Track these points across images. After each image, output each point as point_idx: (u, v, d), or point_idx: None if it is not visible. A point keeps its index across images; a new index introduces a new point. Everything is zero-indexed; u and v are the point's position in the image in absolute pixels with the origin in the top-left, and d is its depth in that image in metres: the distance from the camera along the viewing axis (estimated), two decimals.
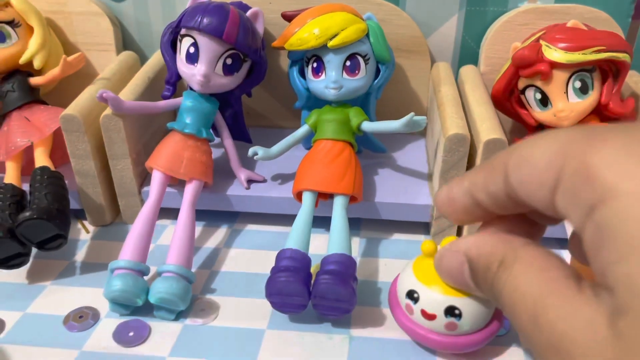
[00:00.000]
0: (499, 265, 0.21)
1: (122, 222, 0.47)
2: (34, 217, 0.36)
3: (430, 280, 0.31)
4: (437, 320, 0.31)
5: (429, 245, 0.31)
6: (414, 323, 0.33)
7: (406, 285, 0.32)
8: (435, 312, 0.31)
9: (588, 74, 0.41)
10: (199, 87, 0.42)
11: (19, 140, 0.43)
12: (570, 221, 0.17)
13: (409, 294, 0.32)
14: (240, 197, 0.45)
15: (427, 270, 0.31)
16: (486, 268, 0.22)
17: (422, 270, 0.32)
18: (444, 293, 0.30)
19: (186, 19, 0.41)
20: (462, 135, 0.39)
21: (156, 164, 0.42)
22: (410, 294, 0.32)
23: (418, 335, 0.33)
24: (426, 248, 0.31)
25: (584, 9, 0.46)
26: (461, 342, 0.32)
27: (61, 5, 0.51)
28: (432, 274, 0.31)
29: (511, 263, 0.20)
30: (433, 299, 0.31)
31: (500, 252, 0.21)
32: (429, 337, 0.32)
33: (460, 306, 0.30)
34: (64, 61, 0.45)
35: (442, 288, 0.30)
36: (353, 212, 0.43)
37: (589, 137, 0.17)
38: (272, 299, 0.35)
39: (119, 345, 0.35)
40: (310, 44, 0.41)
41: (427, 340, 0.33)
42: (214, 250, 0.43)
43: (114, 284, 0.35)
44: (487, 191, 0.22)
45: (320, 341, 0.35)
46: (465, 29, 0.50)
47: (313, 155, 0.42)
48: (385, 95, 0.49)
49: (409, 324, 0.33)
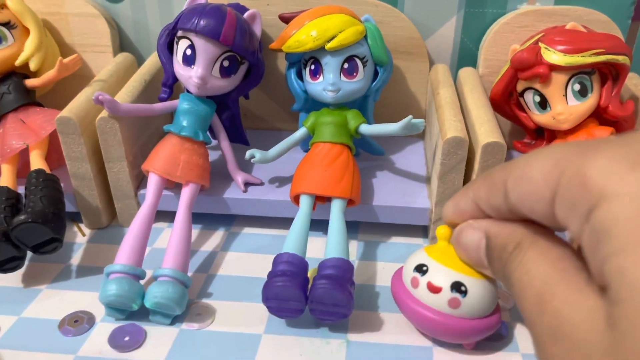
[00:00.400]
0: (516, 247, 0.22)
1: (118, 225, 0.47)
2: (29, 221, 0.36)
3: (442, 258, 0.32)
4: (442, 294, 0.31)
5: (445, 230, 0.32)
6: (414, 301, 0.32)
7: (416, 260, 0.33)
8: (441, 284, 0.31)
9: (587, 77, 0.41)
10: (195, 90, 0.42)
11: (15, 143, 0.43)
12: (570, 230, 0.18)
13: (417, 267, 0.33)
14: (237, 200, 0.45)
15: (440, 250, 0.32)
16: (502, 247, 0.23)
17: (435, 250, 0.33)
18: (454, 269, 0.31)
19: (183, 21, 0.41)
20: (461, 139, 0.39)
21: (152, 166, 0.42)
22: (419, 267, 0.32)
23: (416, 314, 0.32)
24: (441, 233, 0.32)
25: (584, 11, 0.46)
26: (458, 326, 0.32)
27: (57, 7, 0.51)
28: (444, 253, 0.32)
29: (527, 247, 0.21)
30: (442, 271, 0.31)
31: (519, 234, 0.22)
32: (427, 316, 0.32)
33: (467, 284, 0.31)
34: (60, 63, 0.45)
35: (453, 264, 0.31)
36: (351, 216, 0.43)
37: (583, 150, 0.18)
38: (269, 304, 0.35)
39: (115, 350, 0.34)
40: (308, 46, 0.41)
41: (424, 320, 0.32)
42: (211, 254, 0.43)
43: (109, 289, 0.35)
44: (490, 205, 0.23)
45: (317, 346, 0.35)
46: (464, 31, 0.50)
47: (311, 158, 0.42)
48: (384, 98, 0.49)
49: (410, 302, 0.33)
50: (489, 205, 0.23)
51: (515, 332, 0.36)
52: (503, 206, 0.22)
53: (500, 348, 0.35)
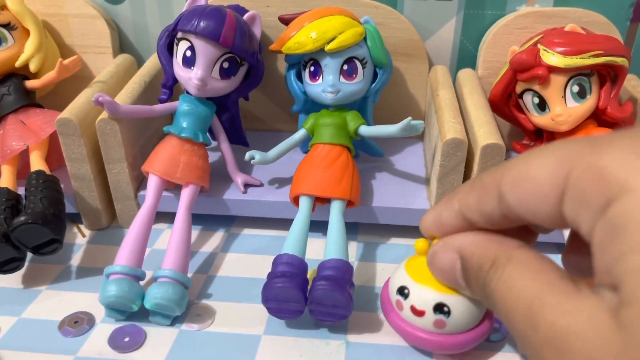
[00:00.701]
0: (492, 265, 0.21)
1: (118, 226, 0.47)
2: (29, 222, 0.36)
3: (421, 277, 0.31)
4: (426, 316, 0.31)
5: (423, 243, 0.31)
6: (403, 321, 0.33)
7: (397, 282, 0.33)
8: (424, 308, 0.31)
9: (586, 78, 0.41)
10: (195, 91, 0.42)
11: (15, 144, 0.43)
12: (580, 226, 0.17)
13: (399, 289, 0.32)
14: (237, 201, 0.45)
15: (419, 268, 0.31)
16: (478, 267, 0.22)
17: (414, 268, 0.32)
18: (434, 289, 0.30)
19: (183, 22, 0.41)
20: (460, 140, 0.39)
21: (152, 168, 0.42)
22: (401, 290, 0.32)
23: (407, 334, 0.33)
24: (419, 247, 0.31)
25: (583, 13, 0.46)
26: (450, 342, 0.32)
27: (57, 8, 0.51)
28: (423, 271, 0.31)
29: (504, 264, 0.20)
30: (423, 295, 0.31)
31: (493, 252, 0.21)
32: (418, 336, 0.32)
33: (450, 304, 0.30)
34: (60, 64, 0.45)
35: (433, 285, 0.30)
36: (350, 217, 0.43)
37: (593, 144, 0.17)
38: (268, 305, 0.35)
39: (115, 351, 0.35)
40: (308, 47, 0.41)
41: (416, 339, 0.32)
42: (211, 255, 0.43)
43: (109, 289, 0.35)
44: (481, 212, 0.22)
45: (316, 347, 0.35)
46: (463, 33, 0.50)
47: (310, 159, 0.42)
48: (383, 99, 0.49)
49: (399, 322, 0.33)
50: (479, 213, 0.22)
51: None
52: (496, 212, 0.21)
53: (500, 348, 0.35)
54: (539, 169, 0.18)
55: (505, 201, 0.20)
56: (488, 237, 0.22)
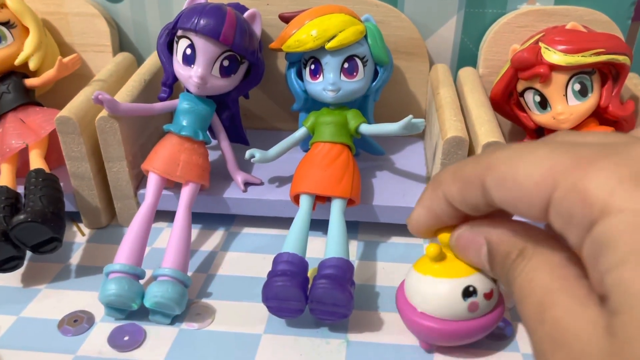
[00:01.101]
0: (519, 254, 0.21)
1: (118, 224, 0.47)
2: (28, 220, 0.36)
3: (467, 270, 0.30)
4: (494, 295, 0.31)
5: (434, 248, 0.30)
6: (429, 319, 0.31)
7: (453, 291, 0.31)
8: (492, 288, 0.31)
9: (587, 77, 0.41)
10: (195, 89, 0.42)
11: (14, 142, 0.43)
12: (568, 240, 0.18)
13: (465, 292, 0.30)
14: (237, 200, 0.44)
15: (450, 267, 0.30)
16: (505, 255, 0.22)
17: (446, 269, 0.31)
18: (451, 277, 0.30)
19: (183, 20, 0.41)
20: (461, 138, 0.39)
21: (152, 166, 0.42)
22: (466, 292, 0.30)
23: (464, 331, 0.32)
24: (431, 252, 0.30)
25: (584, 11, 0.46)
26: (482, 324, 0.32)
27: (57, 6, 0.51)
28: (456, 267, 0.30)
29: (530, 255, 0.21)
30: (485, 278, 0.30)
31: (521, 241, 0.22)
32: (476, 325, 0.31)
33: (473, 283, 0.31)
34: (60, 62, 0.45)
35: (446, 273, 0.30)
36: (351, 215, 0.43)
37: (578, 161, 0.18)
38: (268, 304, 0.34)
39: (114, 350, 0.34)
40: (308, 45, 0.41)
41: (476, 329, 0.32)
42: (211, 254, 0.43)
43: (109, 288, 0.35)
44: (466, 203, 0.23)
45: (317, 346, 0.35)
46: (464, 31, 0.50)
47: (311, 158, 0.42)
48: (384, 98, 0.49)
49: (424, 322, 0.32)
50: (464, 204, 0.23)
51: (515, 332, 0.36)
52: (481, 203, 0.21)
53: (501, 348, 0.35)
54: (525, 177, 0.19)
55: (489, 196, 0.21)
56: (517, 225, 0.23)
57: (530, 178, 0.19)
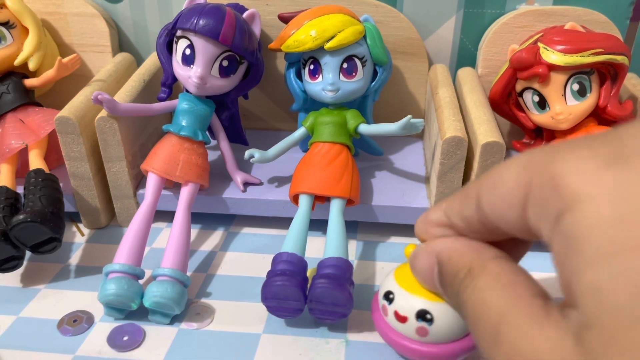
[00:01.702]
0: (467, 273, 0.21)
1: (117, 224, 0.47)
2: (28, 220, 0.36)
3: (407, 283, 0.30)
4: (409, 323, 0.30)
5: (412, 249, 0.30)
6: (388, 327, 0.32)
7: (385, 287, 0.32)
8: (407, 314, 0.30)
9: (586, 77, 0.41)
10: (194, 89, 0.42)
11: (14, 143, 0.43)
12: (542, 236, 0.17)
13: (385, 294, 0.31)
14: (236, 200, 0.44)
15: (408, 274, 0.30)
16: (454, 274, 0.22)
17: (403, 274, 0.31)
18: (419, 296, 0.29)
19: (182, 21, 0.41)
20: (460, 138, 0.39)
21: (152, 166, 0.42)
22: (387, 295, 0.31)
23: (390, 340, 0.32)
24: (409, 252, 0.30)
25: (582, 11, 0.46)
26: (432, 352, 0.31)
27: (57, 6, 0.51)
28: (411, 277, 0.30)
29: (478, 273, 0.20)
30: (406, 300, 0.30)
31: (469, 260, 0.21)
32: (400, 343, 0.31)
33: (433, 311, 0.29)
34: (59, 63, 0.45)
35: (418, 292, 0.29)
36: (350, 215, 0.43)
37: (553, 150, 0.17)
38: (268, 303, 0.34)
39: (113, 350, 0.34)
40: (307, 45, 0.41)
41: (399, 346, 0.32)
42: (210, 254, 0.43)
43: (108, 288, 0.35)
44: (461, 216, 0.22)
45: (316, 345, 0.35)
46: (463, 31, 0.50)
47: (310, 158, 0.42)
48: (383, 98, 0.49)
49: (384, 328, 0.32)
50: (460, 217, 0.22)
51: None
52: (474, 217, 0.21)
53: None
54: (508, 175, 0.18)
55: (481, 207, 0.20)
56: (468, 244, 0.22)
57: (511, 176, 0.18)
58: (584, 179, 0.14)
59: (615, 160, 0.14)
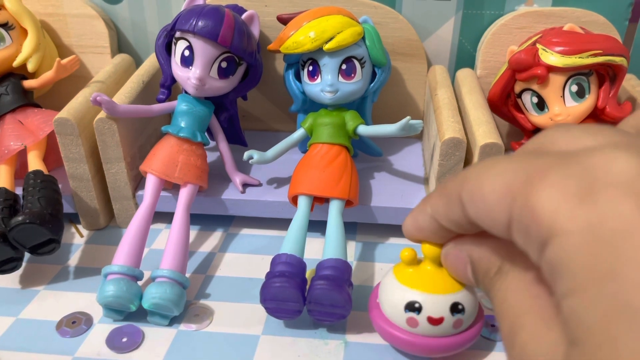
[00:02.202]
0: (497, 271, 0.21)
1: (116, 226, 0.47)
2: (27, 222, 0.36)
3: (426, 286, 0.30)
4: (445, 321, 0.30)
5: (409, 252, 0.31)
6: (416, 336, 0.31)
7: (400, 299, 0.31)
8: (442, 314, 0.30)
9: (585, 78, 0.41)
10: (193, 91, 0.42)
11: (12, 144, 0.43)
12: (530, 257, 0.18)
13: (409, 306, 0.31)
14: (235, 201, 0.44)
15: (417, 277, 0.31)
16: (485, 272, 0.22)
17: (412, 279, 0.31)
18: (445, 292, 0.30)
19: (181, 22, 0.41)
20: (459, 139, 0.39)
21: (150, 167, 0.42)
22: (411, 306, 0.31)
23: (393, 337, 0.32)
24: (406, 256, 0.31)
25: (581, 13, 0.46)
26: (465, 338, 0.32)
27: (56, 8, 0.51)
28: (423, 279, 0.30)
29: (507, 272, 0.21)
30: (437, 301, 0.30)
31: (499, 258, 0.21)
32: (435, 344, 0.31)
33: (462, 300, 0.30)
34: (58, 64, 0.45)
35: (440, 289, 0.30)
36: (349, 217, 0.43)
37: (530, 174, 0.17)
38: (267, 305, 0.34)
39: (112, 351, 0.34)
40: (306, 47, 0.41)
41: (436, 348, 0.31)
42: (209, 255, 0.43)
43: (107, 289, 0.35)
44: (449, 219, 0.22)
45: (315, 346, 0.35)
46: (461, 32, 0.50)
47: (309, 159, 0.42)
48: (382, 99, 0.49)
49: (412, 339, 0.31)
50: (447, 220, 0.22)
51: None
52: (462, 220, 0.21)
53: (501, 348, 0.35)
54: (489, 191, 0.18)
55: (467, 214, 0.20)
56: (497, 242, 0.22)
57: (493, 193, 0.18)
58: (559, 215, 0.16)
59: (587, 195, 0.15)
